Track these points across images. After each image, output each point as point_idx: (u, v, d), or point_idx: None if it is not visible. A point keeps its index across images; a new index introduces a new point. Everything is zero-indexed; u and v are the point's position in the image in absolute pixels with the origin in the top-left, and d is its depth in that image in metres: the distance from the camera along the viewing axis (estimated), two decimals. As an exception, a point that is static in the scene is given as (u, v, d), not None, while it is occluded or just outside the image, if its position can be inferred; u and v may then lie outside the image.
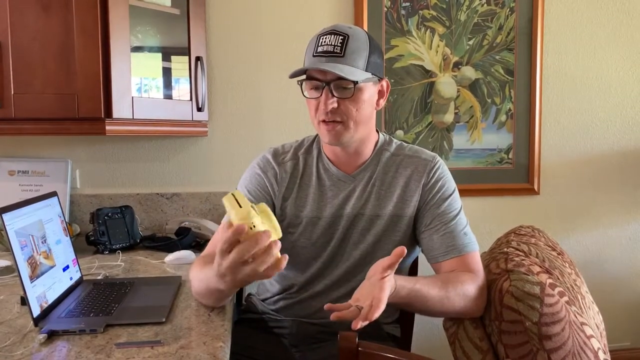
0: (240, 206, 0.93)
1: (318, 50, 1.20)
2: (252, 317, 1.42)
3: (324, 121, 1.22)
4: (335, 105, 1.19)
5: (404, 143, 1.37)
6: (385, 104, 2.20)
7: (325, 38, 1.20)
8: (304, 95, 1.24)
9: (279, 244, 0.94)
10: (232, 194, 0.95)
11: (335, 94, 1.19)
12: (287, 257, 0.94)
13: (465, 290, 1.16)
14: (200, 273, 1.15)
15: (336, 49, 1.18)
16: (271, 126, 2.16)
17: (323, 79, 1.19)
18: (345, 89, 1.19)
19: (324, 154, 1.35)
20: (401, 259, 1.21)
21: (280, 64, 2.14)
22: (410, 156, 1.33)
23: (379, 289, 0.99)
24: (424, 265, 1.41)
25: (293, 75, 1.22)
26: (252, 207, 0.95)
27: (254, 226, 0.91)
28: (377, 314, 0.95)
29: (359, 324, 0.94)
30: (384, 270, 1.01)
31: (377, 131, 1.36)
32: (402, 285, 1.08)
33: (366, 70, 1.20)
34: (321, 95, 1.20)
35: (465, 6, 2.24)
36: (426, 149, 1.37)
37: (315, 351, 1.31)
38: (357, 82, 1.18)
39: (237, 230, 0.90)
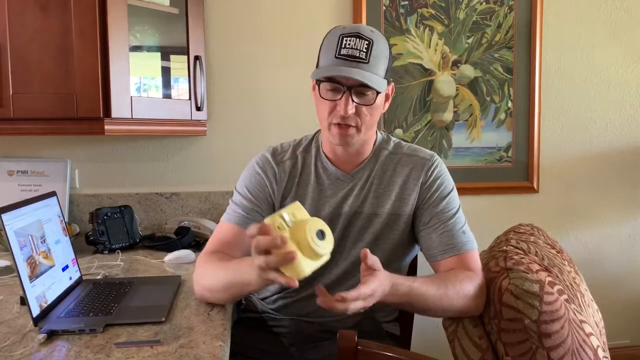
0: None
1: (341, 53, 1.16)
2: (252, 316, 1.42)
3: (337, 124, 1.21)
4: (354, 110, 1.18)
5: (401, 142, 1.37)
6: (384, 102, 2.20)
7: (349, 40, 1.16)
8: (320, 96, 1.21)
9: (287, 241, 0.93)
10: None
11: (355, 99, 1.18)
12: (294, 253, 0.93)
13: (464, 289, 1.16)
14: (220, 266, 1.17)
15: (361, 54, 1.15)
16: (270, 125, 2.16)
17: (345, 83, 1.17)
18: (366, 96, 1.19)
19: (323, 152, 1.34)
20: (401, 258, 1.23)
21: (279, 62, 2.14)
22: (409, 155, 1.33)
23: (363, 283, 1.03)
24: (423, 266, 1.41)
25: (317, 76, 1.20)
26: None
27: (282, 223, 0.96)
28: (353, 293, 0.98)
29: (327, 300, 0.98)
30: (365, 271, 1.06)
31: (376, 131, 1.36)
32: (400, 283, 1.09)
33: (384, 77, 1.21)
34: (340, 98, 1.18)
35: (464, 4, 2.23)
36: (424, 148, 1.37)
37: (315, 350, 1.31)
38: (379, 92, 1.18)
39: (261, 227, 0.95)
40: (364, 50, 1.16)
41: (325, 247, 0.97)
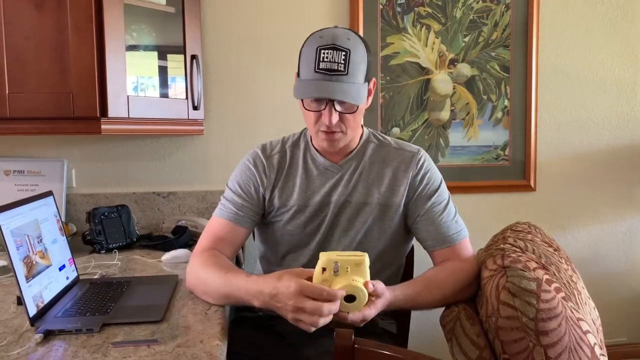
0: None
1: (320, 67, 1.18)
2: (249, 315, 1.42)
3: (324, 131, 1.25)
4: (337, 118, 1.23)
5: (387, 136, 1.44)
6: (382, 101, 2.20)
7: (327, 53, 1.18)
8: (304, 107, 1.25)
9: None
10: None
11: (337, 108, 1.22)
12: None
13: (459, 284, 1.26)
14: (218, 274, 1.18)
15: (340, 66, 1.17)
16: (267, 124, 2.16)
17: (327, 97, 1.20)
18: (348, 104, 1.22)
19: (312, 145, 1.39)
20: (396, 250, 1.35)
21: (276, 61, 2.14)
22: (397, 149, 1.39)
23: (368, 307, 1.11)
24: (421, 263, 1.41)
25: (300, 97, 1.23)
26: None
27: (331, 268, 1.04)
28: (358, 315, 1.08)
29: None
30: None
31: (361, 126, 1.41)
32: (395, 302, 1.19)
33: (365, 80, 1.23)
34: (324, 109, 1.22)
35: (460, 3, 2.23)
36: (411, 144, 1.43)
37: (311, 347, 1.31)
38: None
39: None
40: (342, 62, 1.17)
41: (351, 309, 1.06)
